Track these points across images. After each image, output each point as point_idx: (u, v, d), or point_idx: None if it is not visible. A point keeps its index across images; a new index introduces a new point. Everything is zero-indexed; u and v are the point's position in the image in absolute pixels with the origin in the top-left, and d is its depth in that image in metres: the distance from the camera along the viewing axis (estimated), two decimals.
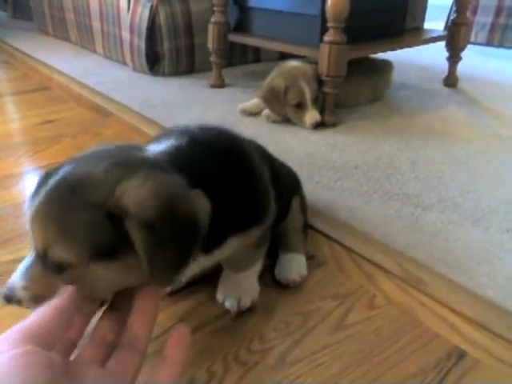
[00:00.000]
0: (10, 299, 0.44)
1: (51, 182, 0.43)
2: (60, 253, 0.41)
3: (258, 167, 0.57)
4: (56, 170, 0.44)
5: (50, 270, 0.43)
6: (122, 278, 0.44)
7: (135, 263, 0.41)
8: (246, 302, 0.65)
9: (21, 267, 0.45)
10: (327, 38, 1.23)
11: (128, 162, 0.44)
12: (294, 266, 0.73)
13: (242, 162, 0.54)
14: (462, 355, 0.60)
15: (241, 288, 0.65)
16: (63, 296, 0.41)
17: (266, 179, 0.58)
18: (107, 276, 0.43)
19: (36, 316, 0.39)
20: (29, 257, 0.45)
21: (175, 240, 0.41)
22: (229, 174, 0.51)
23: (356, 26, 1.35)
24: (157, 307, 0.45)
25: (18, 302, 0.44)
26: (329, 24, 1.22)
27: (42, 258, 0.42)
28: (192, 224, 0.42)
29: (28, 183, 1.07)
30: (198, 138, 0.51)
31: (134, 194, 0.40)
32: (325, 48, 1.24)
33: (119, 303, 0.46)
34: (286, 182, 0.79)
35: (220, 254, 0.54)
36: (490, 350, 0.61)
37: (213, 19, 1.59)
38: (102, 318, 0.46)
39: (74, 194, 0.41)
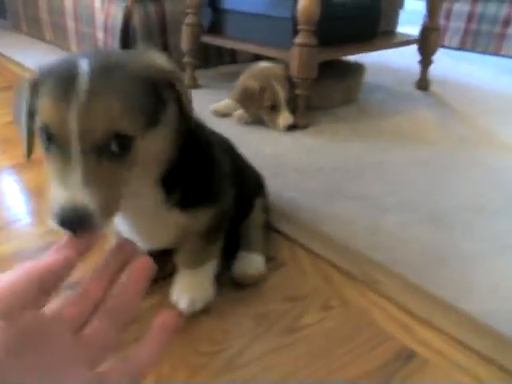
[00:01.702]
0: (76, 219, 0.39)
1: (84, 70, 0.41)
2: (127, 126, 0.42)
3: (217, 152, 0.61)
4: (71, 63, 0.43)
5: (109, 159, 0.41)
6: (164, 147, 0.49)
7: (170, 129, 0.48)
8: (199, 304, 0.65)
9: (65, 178, 0.40)
10: (298, 40, 1.23)
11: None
12: (251, 262, 0.73)
13: (204, 143, 0.58)
14: (411, 355, 0.60)
15: (195, 289, 0.65)
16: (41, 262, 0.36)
17: (223, 166, 0.61)
18: (156, 145, 0.47)
19: (3, 285, 0.33)
20: (68, 168, 0.40)
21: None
22: (191, 149, 0.54)
23: (328, 28, 1.36)
24: (146, 282, 0.40)
25: (85, 224, 0.39)
26: (300, 26, 1.22)
27: (99, 147, 0.41)
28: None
29: None
30: None
31: (166, 63, 0.48)
32: (295, 50, 1.24)
33: (113, 264, 0.41)
34: (250, 181, 0.80)
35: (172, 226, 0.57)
36: (439, 349, 0.61)
37: (186, 21, 1.59)
38: (91, 273, 0.40)
39: (119, 71, 0.43)
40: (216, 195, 0.60)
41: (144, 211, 0.56)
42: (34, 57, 2.09)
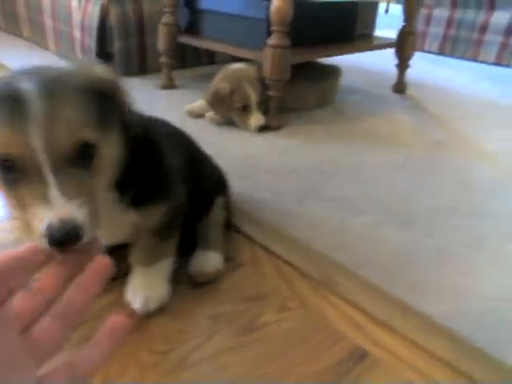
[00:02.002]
0: (68, 234, 0.38)
1: (30, 89, 0.40)
2: (89, 134, 0.42)
3: (165, 150, 0.61)
4: (8, 85, 0.40)
5: (78, 169, 0.41)
6: (119, 151, 0.49)
7: (121, 134, 0.48)
8: (154, 304, 0.64)
9: (44, 199, 0.38)
10: (271, 41, 1.24)
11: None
12: (208, 260, 0.72)
13: (152, 142, 0.58)
14: (363, 355, 0.60)
15: (149, 288, 0.64)
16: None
17: (172, 162, 0.61)
18: (112, 150, 0.47)
19: None
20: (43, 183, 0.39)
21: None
22: (141, 150, 0.54)
23: (302, 30, 1.37)
24: (102, 283, 0.39)
25: (77, 237, 0.38)
26: (272, 27, 1.22)
27: (68, 160, 0.40)
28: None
29: None
30: None
31: (105, 73, 0.48)
32: (268, 51, 1.24)
33: (70, 263, 0.39)
34: (209, 178, 0.79)
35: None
36: (393, 350, 0.61)
37: (163, 20, 1.58)
38: (46, 270, 0.38)
39: (65, 84, 0.43)
40: (166, 192, 0.60)
41: None
42: (11, 54, 2.06)
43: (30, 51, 2.17)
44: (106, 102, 0.46)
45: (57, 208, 0.38)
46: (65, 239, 0.38)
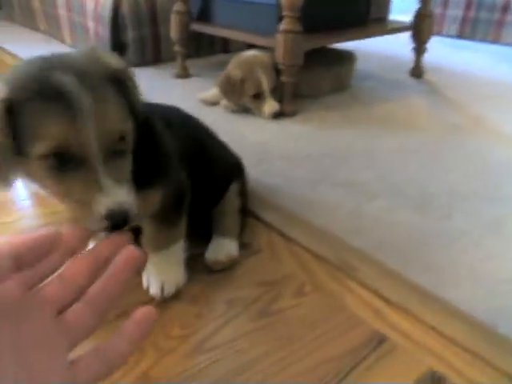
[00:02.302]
0: (126, 218, 0.42)
1: (71, 81, 0.41)
2: (125, 125, 0.45)
3: (163, 135, 0.61)
4: (45, 75, 0.41)
5: (119, 159, 0.44)
6: (133, 138, 0.49)
7: (132, 122, 0.48)
8: (171, 289, 0.64)
9: (97, 186, 0.42)
10: (282, 26, 1.22)
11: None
12: (222, 247, 0.72)
13: (151, 127, 0.58)
14: (382, 340, 0.60)
15: (165, 273, 0.65)
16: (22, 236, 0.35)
17: (171, 147, 0.61)
18: (131, 138, 0.48)
19: None
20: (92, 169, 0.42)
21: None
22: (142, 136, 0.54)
23: (315, 15, 1.35)
24: (132, 272, 0.40)
25: (129, 218, 0.43)
26: (283, 13, 1.21)
27: (113, 151, 0.43)
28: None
29: None
30: None
31: (117, 61, 0.48)
32: (280, 37, 1.23)
33: (102, 251, 0.41)
34: (224, 165, 0.79)
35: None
36: (410, 334, 0.61)
37: (175, 8, 1.57)
38: (78, 258, 0.40)
39: (96, 76, 0.44)
40: (164, 176, 0.59)
41: None
42: (27, 47, 2.08)
43: (47, 44, 2.19)
44: (124, 91, 0.47)
45: (112, 194, 0.42)
46: (123, 221, 0.42)
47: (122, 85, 0.47)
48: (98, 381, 0.36)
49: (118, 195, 0.43)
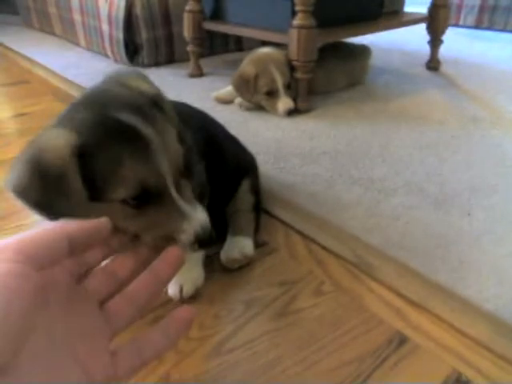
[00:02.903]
0: (210, 236, 0.45)
1: (139, 122, 0.42)
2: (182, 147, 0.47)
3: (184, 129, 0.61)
4: (110, 118, 0.42)
5: (183, 180, 0.47)
6: None
7: None
8: (189, 290, 0.64)
9: (180, 211, 0.44)
10: (295, 22, 1.21)
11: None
12: (236, 245, 0.72)
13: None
14: (403, 340, 0.59)
15: (184, 275, 0.65)
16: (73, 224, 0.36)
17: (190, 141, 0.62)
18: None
19: (35, 234, 0.33)
20: (174, 196, 0.44)
21: None
22: None
23: (328, 9, 1.33)
24: (175, 271, 0.41)
25: (213, 236, 0.45)
26: (297, 8, 1.19)
27: (179, 176, 0.45)
28: None
29: None
30: None
31: (150, 87, 0.49)
32: (293, 32, 1.22)
33: (143, 249, 0.43)
34: (234, 161, 0.78)
35: None
36: (432, 334, 0.60)
37: (187, 7, 1.57)
38: (121, 254, 0.42)
39: (150, 108, 0.45)
40: (190, 171, 0.59)
41: None
42: (43, 52, 2.11)
43: (62, 48, 2.22)
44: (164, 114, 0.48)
45: (194, 218, 0.44)
46: (209, 239, 0.45)
47: (161, 108, 0.47)
48: (133, 373, 0.37)
49: (200, 217, 0.44)
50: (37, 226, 0.33)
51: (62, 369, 0.32)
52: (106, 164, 0.40)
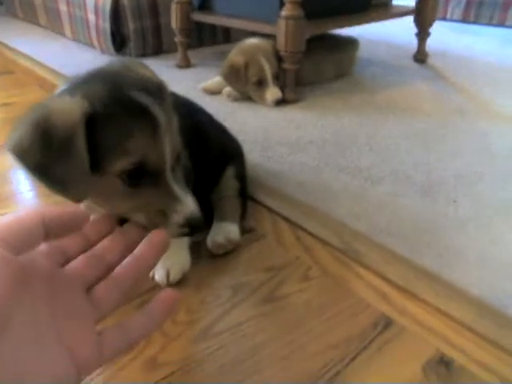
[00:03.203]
0: (200, 222, 0.46)
1: (150, 100, 0.44)
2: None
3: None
4: (120, 91, 0.43)
5: (176, 169, 0.47)
6: None
7: None
8: (176, 275, 0.64)
9: (171, 195, 0.45)
10: (284, 12, 1.21)
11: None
12: (222, 231, 0.72)
13: None
14: (388, 323, 0.59)
15: (170, 259, 0.64)
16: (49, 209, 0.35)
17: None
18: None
19: (10, 219, 0.32)
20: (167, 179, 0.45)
21: None
22: None
23: (318, 1, 1.33)
24: (160, 255, 0.41)
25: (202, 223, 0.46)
26: None
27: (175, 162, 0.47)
28: None
29: None
30: None
31: (154, 75, 0.51)
32: (282, 23, 1.21)
33: (131, 234, 0.43)
34: (219, 147, 0.79)
35: None
36: (417, 317, 0.60)
37: None
38: (107, 238, 0.41)
39: (160, 93, 0.47)
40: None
41: None
42: (28, 42, 2.08)
43: (47, 38, 2.18)
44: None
45: (186, 203, 0.45)
46: (199, 226, 0.46)
47: (163, 95, 0.48)
48: (118, 355, 0.37)
49: (191, 204, 0.45)
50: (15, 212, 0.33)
51: (47, 350, 0.32)
52: (113, 134, 0.41)
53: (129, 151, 0.42)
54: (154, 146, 0.43)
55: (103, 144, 0.41)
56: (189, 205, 0.45)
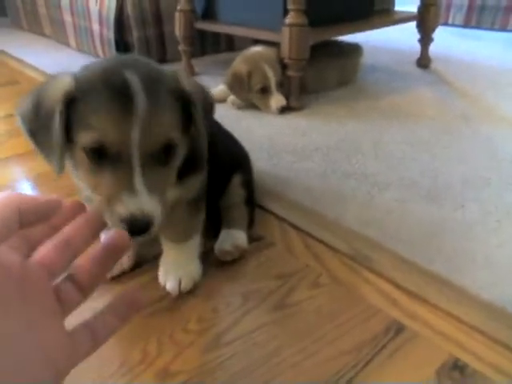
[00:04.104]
0: (145, 226, 0.42)
1: (136, 85, 0.43)
2: (174, 136, 0.46)
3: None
4: (113, 75, 0.44)
5: (160, 167, 0.46)
6: (184, 152, 0.51)
7: (187, 137, 0.51)
8: (187, 284, 0.64)
9: (128, 188, 0.42)
10: (288, 20, 1.22)
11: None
12: (229, 238, 0.72)
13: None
14: (400, 329, 0.59)
15: (182, 269, 0.65)
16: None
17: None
18: (183, 151, 0.50)
19: None
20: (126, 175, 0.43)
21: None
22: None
23: (321, 8, 1.34)
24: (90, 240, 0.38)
25: (149, 229, 0.43)
26: (289, 6, 1.20)
27: (154, 157, 0.45)
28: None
29: None
30: None
31: (188, 84, 0.49)
32: (286, 31, 1.22)
33: (95, 221, 0.39)
34: (227, 155, 0.78)
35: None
36: (429, 322, 0.60)
37: (179, 7, 1.58)
38: (72, 223, 0.38)
39: (162, 86, 0.46)
40: (202, 162, 0.60)
41: None
42: (33, 52, 2.10)
43: (52, 48, 2.20)
44: (190, 109, 0.49)
45: (141, 200, 0.42)
46: (141, 230, 0.42)
47: (188, 105, 0.49)
48: (88, 355, 0.36)
49: (145, 202, 0.42)
50: None
51: (24, 354, 0.31)
52: (85, 110, 0.43)
53: (91, 126, 0.43)
54: (117, 127, 0.42)
55: (76, 118, 0.44)
56: (142, 202, 0.42)
